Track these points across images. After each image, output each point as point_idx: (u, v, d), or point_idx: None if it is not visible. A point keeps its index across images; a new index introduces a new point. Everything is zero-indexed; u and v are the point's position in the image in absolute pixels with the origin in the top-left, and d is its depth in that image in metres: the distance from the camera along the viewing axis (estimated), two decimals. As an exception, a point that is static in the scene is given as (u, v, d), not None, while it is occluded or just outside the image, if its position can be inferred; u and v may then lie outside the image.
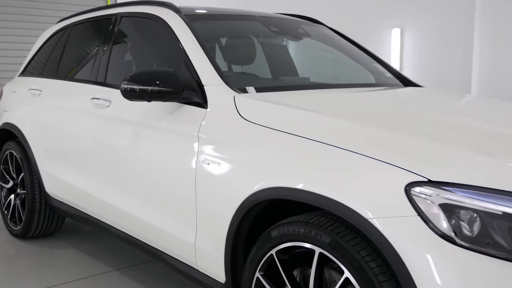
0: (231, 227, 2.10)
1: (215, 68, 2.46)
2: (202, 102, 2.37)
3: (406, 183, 1.58)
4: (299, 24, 3.42)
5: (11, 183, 4.00)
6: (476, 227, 1.50)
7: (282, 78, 3.42)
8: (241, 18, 3.25)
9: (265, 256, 1.97)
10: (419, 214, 1.54)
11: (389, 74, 3.33)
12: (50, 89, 3.73)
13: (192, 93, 2.40)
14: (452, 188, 1.53)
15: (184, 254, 2.42)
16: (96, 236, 3.99)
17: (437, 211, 1.53)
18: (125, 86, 2.39)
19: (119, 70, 3.22)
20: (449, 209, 1.52)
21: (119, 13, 3.29)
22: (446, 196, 1.53)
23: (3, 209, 4.07)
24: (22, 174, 3.79)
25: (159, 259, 2.66)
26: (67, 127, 3.34)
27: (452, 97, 3.07)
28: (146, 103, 2.49)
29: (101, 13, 3.54)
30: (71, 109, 3.34)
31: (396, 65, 6.42)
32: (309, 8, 6.05)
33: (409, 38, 6.48)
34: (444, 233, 1.51)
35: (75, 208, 3.34)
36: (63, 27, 3.98)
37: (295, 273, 1.97)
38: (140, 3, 3.16)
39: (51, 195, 3.57)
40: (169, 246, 2.54)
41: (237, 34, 3.30)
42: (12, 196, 3.98)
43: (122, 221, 2.87)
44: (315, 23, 3.58)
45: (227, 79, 2.42)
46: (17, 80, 4.33)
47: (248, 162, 2.07)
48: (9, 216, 3.99)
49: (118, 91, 2.49)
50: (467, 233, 1.50)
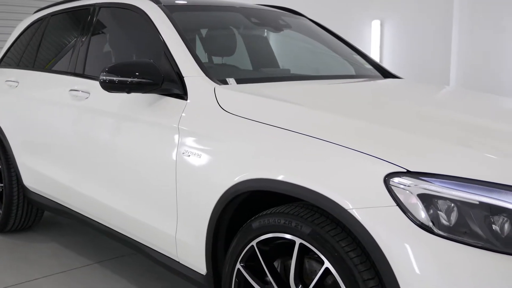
0: (212, 219, 2.10)
1: (195, 59, 2.45)
2: (182, 94, 2.36)
3: (385, 173, 1.59)
4: (279, 16, 3.42)
5: (-12, 176, 3.94)
6: (454, 216, 1.52)
7: (262, 69, 3.41)
8: (222, 9, 3.23)
9: (246, 247, 1.98)
10: (398, 204, 1.56)
11: (369, 66, 3.35)
12: (27, 80, 3.67)
13: (172, 85, 2.39)
14: (430, 179, 1.55)
15: (165, 246, 2.41)
16: (75, 229, 3.95)
17: (416, 201, 1.55)
18: (104, 77, 2.37)
19: (98, 62, 3.18)
20: (427, 199, 1.54)
21: (97, 3, 3.24)
22: (424, 186, 1.55)
23: (-20, 202, 4.01)
24: None
25: (139, 252, 2.65)
26: (45, 119, 3.30)
27: (430, 89, 3.10)
28: (126, 94, 2.47)
29: (79, 3, 3.49)
30: (49, 101, 3.30)
31: (376, 57, 6.45)
32: (289, 0, 6.03)
33: (389, 30, 6.51)
34: (422, 223, 1.53)
35: (53, 201, 3.31)
36: (40, 17, 3.92)
37: (276, 264, 1.98)
38: (119, -7, 3.12)
39: (29, 188, 3.53)
40: (149, 239, 2.53)
41: (218, 25, 3.29)
42: (-10, 190, 3.92)
43: (102, 214, 2.85)
44: (295, 14, 3.58)
45: (207, 70, 2.41)
46: (-7, 72, 4.26)
47: (228, 154, 2.07)
48: (-14, 210, 3.94)
49: (97, 83, 2.47)
50: (445, 222, 1.53)
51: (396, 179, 1.58)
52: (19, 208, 3.71)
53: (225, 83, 2.38)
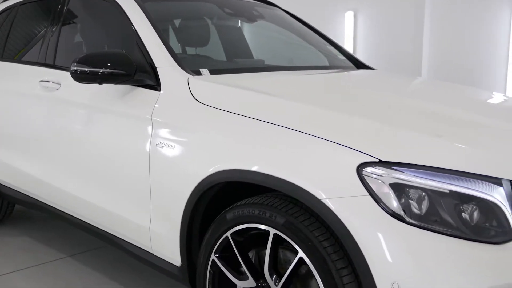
0: (186, 210, 2.09)
1: (168, 50, 2.43)
2: (155, 85, 2.34)
3: (358, 163, 1.61)
4: (253, 6, 3.41)
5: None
6: (425, 205, 1.55)
7: (236, 60, 3.41)
8: (195, -1, 3.21)
9: (220, 238, 1.98)
10: (370, 194, 1.58)
11: (342, 57, 3.37)
12: (-4, 71, 3.59)
13: (145, 76, 2.36)
14: (402, 168, 1.57)
15: (139, 238, 2.40)
16: (47, 222, 3.90)
17: (388, 190, 1.57)
18: (75, 68, 2.33)
19: (68, 52, 3.13)
20: (399, 189, 1.56)
21: (68, -8, 3.18)
22: (396, 175, 1.57)
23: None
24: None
25: (113, 244, 2.63)
26: (15, 111, 3.23)
27: (403, 80, 3.14)
28: (98, 85, 2.44)
29: (49, -8, 3.42)
30: (18, 92, 3.23)
31: (349, 48, 6.50)
32: (263, -10, 6.00)
33: (362, 21, 6.56)
34: (394, 212, 1.55)
35: (25, 194, 3.25)
36: (8, 6, 3.83)
37: (251, 254, 1.99)
38: (89, -18, 3.07)
39: (-1, 181, 3.46)
40: (123, 231, 2.51)
41: (191, 15, 3.26)
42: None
43: (74, 207, 2.81)
44: (269, 5, 3.57)
45: (180, 61, 2.39)
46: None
47: (202, 145, 2.06)
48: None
49: (68, 74, 2.42)
50: (416, 211, 1.55)
51: (368, 169, 1.59)
52: (-11, 202, 3.64)
53: (199, 74, 2.37)
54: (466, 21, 5.59)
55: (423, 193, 1.55)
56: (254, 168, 1.84)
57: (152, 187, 2.25)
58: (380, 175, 1.58)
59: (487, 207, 1.54)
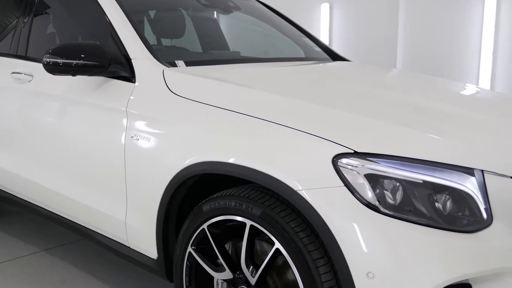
0: (162, 202, 2.08)
1: (143, 41, 2.40)
2: (130, 77, 2.31)
3: (333, 155, 1.62)
4: (229, -3, 3.39)
5: None
6: (399, 195, 1.57)
7: (212, 52, 3.39)
8: (170, -10, 3.18)
9: (197, 230, 1.97)
10: (345, 185, 1.59)
11: (318, 49, 3.38)
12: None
13: (119, 67, 2.33)
14: (376, 159, 1.59)
15: (115, 231, 2.38)
16: (21, 217, 3.84)
17: (363, 181, 1.58)
18: (48, 59, 2.29)
19: (41, 43, 3.07)
20: (373, 179, 1.58)
21: (39, -18, 3.12)
22: (370, 166, 1.58)
23: None
24: None
25: (89, 238, 2.61)
26: (-14, 104, 3.16)
27: (378, 71, 3.16)
28: (71, 77, 2.40)
29: (20, -18, 3.35)
30: (-11, 85, 3.16)
31: (325, 40, 6.52)
32: (239, -18, 5.97)
33: (338, 13, 6.58)
34: (369, 202, 1.57)
35: (-2, 188, 3.20)
36: (-21, -4, 3.74)
37: (227, 246, 1.99)
38: (62, -28, 3.02)
39: (-29, 175, 3.39)
40: (99, 224, 2.49)
41: (166, 6, 3.23)
42: None
43: (49, 200, 2.78)
44: (245, -4, 3.56)
45: (155, 52, 2.37)
46: None
47: (178, 137, 2.05)
48: None
49: (41, 65, 2.38)
50: (391, 201, 1.57)
51: (344, 160, 1.61)
52: (-39, 196, 3.56)
53: (174, 65, 2.35)
54: (440, 14, 5.66)
55: (398, 184, 1.57)
56: (230, 160, 1.84)
57: (127, 179, 2.23)
58: (355, 166, 1.59)
59: (459, 197, 1.57)
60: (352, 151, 1.61)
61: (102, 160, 2.35)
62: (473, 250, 1.55)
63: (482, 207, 1.57)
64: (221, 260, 1.94)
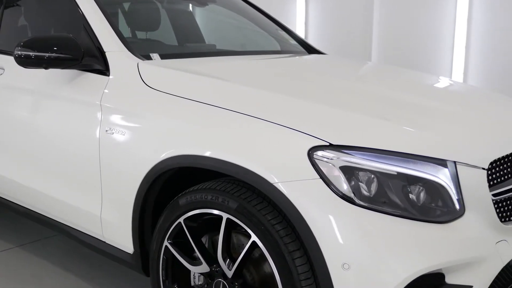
0: (138, 196, 2.07)
1: (117, 34, 2.37)
2: (104, 70, 2.29)
3: (309, 147, 1.63)
4: (204, -10, 3.37)
5: None
6: (374, 187, 1.59)
7: (187, 45, 3.37)
8: (145, -18, 3.14)
9: (173, 224, 1.97)
10: (321, 177, 1.60)
11: (294, 42, 3.39)
12: None
13: (93, 60, 2.30)
14: (351, 151, 1.60)
15: (90, 226, 2.36)
16: (-6, 212, 3.78)
17: (338, 173, 1.59)
18: (19, 52, 2.25)
19: (12, 35, 3.01)
20: (349, 171, 1.59)
21: (10, -27, 3.05)
22: (346, 159, 1.60)
23: None
24: None
25: (64, 233, 2.58)
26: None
27: (353, 64, 3.18)
28: (44, 70, 2.36)
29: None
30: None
31: (301, 33, 6.53)
32: (215, -26, 5.94)
33: (314, 7, 6.60)
34: (344, 194, 1.58)
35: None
36: None
37: (204, 239, 1.99)
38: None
39: None
40: (74, 220, 2.46)
41: (141, -2, 3.20)
42: None
43: (22, 196, 2.73)
44: (220, -11, 3.54)
45: (130, 45, 2.35)
46: None
47: (154, 131, 2.03)
48: None
49: (12, 58, 2.33)
50: (365, 193, 1.59)
51: (319, 153, 1.62)
52: None
53: (149, 58, 2.33)
54: (414, 8, 5.72)
55: (372, 176, 1.59)
56: (206, 154, 1.83)
57: (102, 174, 2.20)
58: (331, 159, 1.60)
59: (433, 188, 1.60)
60: (328, 144, 1.62)
61: (77, 154, 2.32)
62: (446, 240, 1.58)
63: (455, 198, 1.60)
64: (197, 253, 1.94)
